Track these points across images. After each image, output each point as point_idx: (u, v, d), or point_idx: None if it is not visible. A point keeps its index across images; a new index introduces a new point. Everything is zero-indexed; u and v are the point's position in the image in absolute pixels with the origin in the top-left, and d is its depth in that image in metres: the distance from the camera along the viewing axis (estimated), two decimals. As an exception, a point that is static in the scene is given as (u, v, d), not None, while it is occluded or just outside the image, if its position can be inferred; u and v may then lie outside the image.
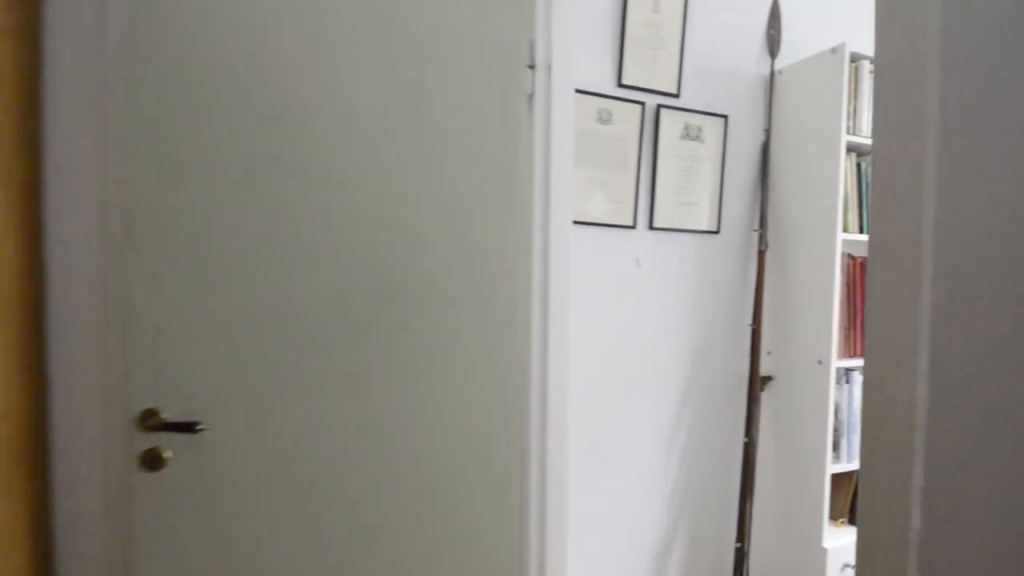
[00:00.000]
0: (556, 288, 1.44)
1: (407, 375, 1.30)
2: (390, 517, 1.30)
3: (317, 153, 1.21)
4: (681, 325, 1.82)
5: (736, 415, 1.89)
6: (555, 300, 1.44)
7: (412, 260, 1.30)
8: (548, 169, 1.44)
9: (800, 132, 1.77)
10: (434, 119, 1.31)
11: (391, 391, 1.29)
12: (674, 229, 1.80)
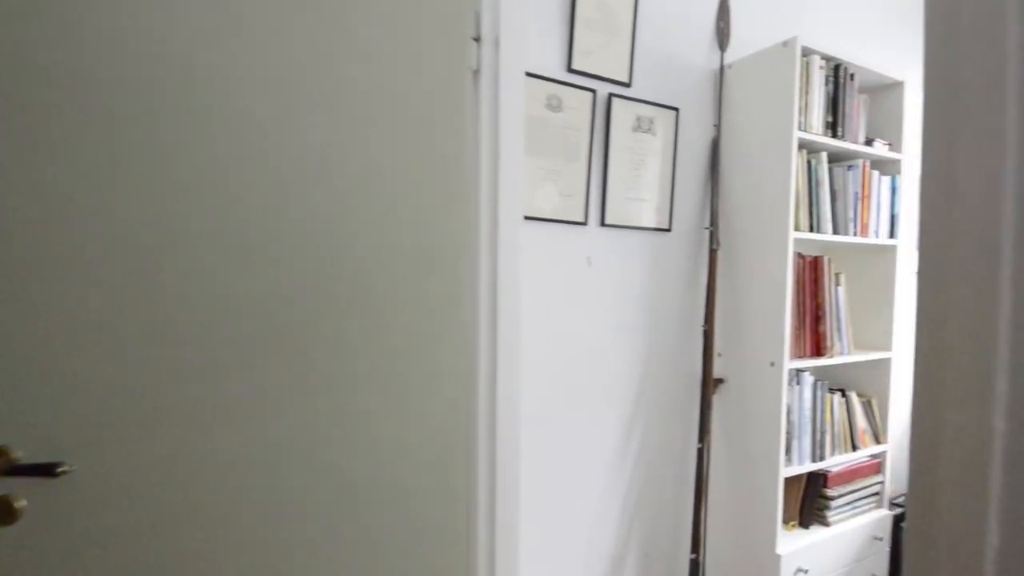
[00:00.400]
0: (506, 289, 1.30)
1: (333, 393, 1.11)
2: (307, 559, 1.11)
3: (206, 138, 0.99)
4: (634, 327, 1.73)
5: (688, 420, 1.83)
6: (505, 302, 1.30)
7: (333, 260, 1.12)
8: (497, 155, 1.29)
9: (751, 128, 1.73)
10: (363, 95, 1.13)
11: (310, 413, 1.09)
12: (626, 226, 1.70)
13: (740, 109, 1.76)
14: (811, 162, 1.68)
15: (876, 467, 1.89)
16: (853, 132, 1.77)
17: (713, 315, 1.74)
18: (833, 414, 1.76)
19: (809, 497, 1.75)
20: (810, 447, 1.70)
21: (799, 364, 1.67)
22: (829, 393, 1.75)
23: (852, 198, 1.77)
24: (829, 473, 1.76)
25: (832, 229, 1.73)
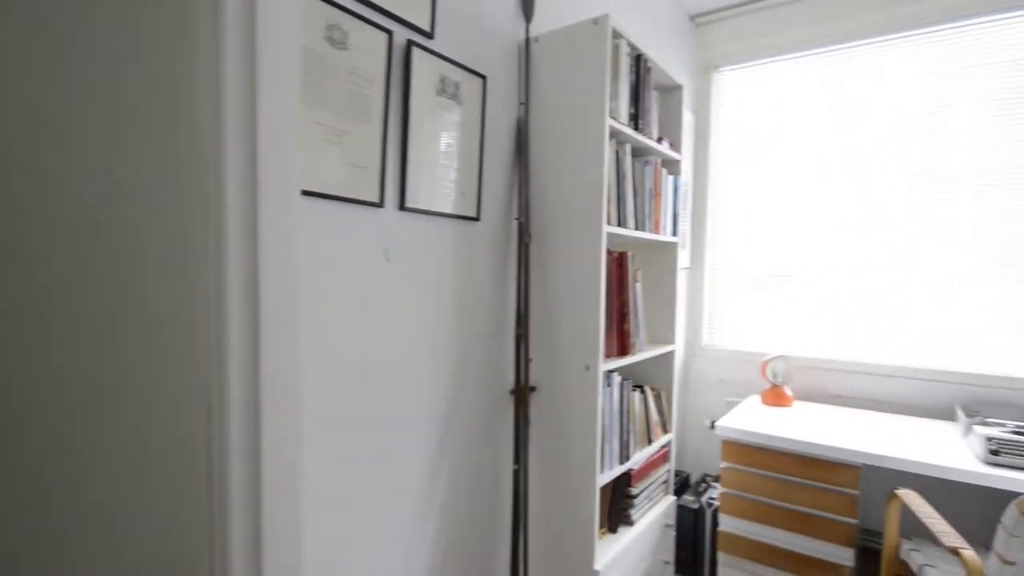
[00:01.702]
0: (273, 293, 0.86)
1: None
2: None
3: None
4: (441, 334, 1.42)
5: (502, 437, 1.61)
6: (272, 308, 0.86)
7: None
8: (254, 98, 0.84)
9: (560, 110, 1.57)
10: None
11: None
12: (431, 212, 1.38)
13: (548, 88, 1.60)
14: (618, 153, 1.61)
15: (664, 456, 1.96)
16: (650, 128, 1.76)
17: (528, 317, 1.55)
18: (634, 412, 1.74)
19: (616, 500, 1.71)
20: (619, 449, 1.64)
21: (609, 365, 1.58)
22: (631, 391, 1.73)
23: (647, 194, 1.76)
24: (632, 471, 1.74)
25: (635, 225, 1.69)
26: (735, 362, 2.61)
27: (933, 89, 2.14)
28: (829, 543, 1.80)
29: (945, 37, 2.12)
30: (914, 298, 2.21)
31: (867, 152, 2.29)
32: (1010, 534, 1.18)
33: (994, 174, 2.04)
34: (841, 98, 2.35)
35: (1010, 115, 2.01)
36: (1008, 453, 1.56)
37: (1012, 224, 2.02)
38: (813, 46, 2.39)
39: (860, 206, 2.31)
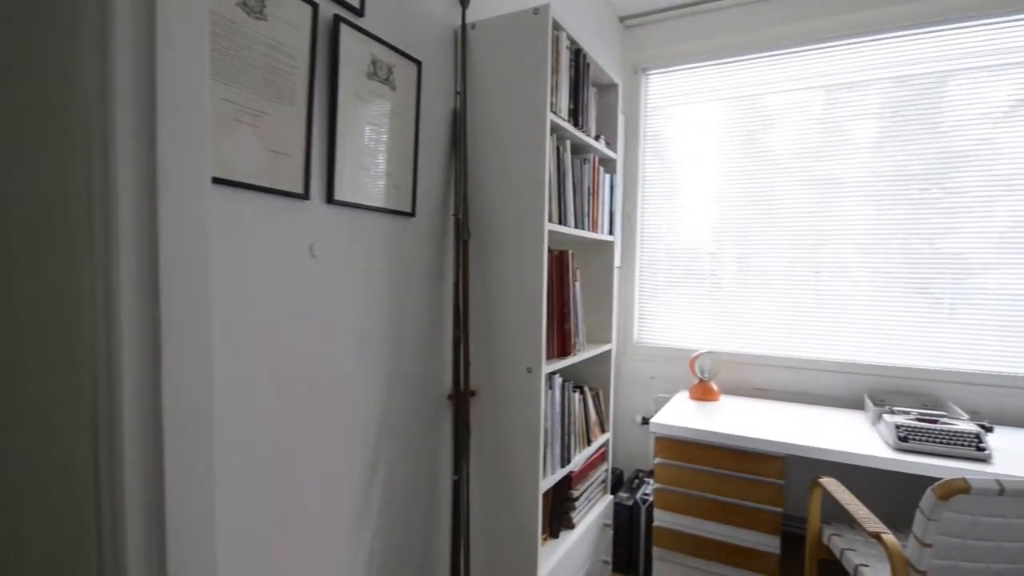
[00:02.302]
0: (178, 294, 0.73)
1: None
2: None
3: None
4: (374, 339, 1.31)
5: (440, 445, 1.52)
6: (176, 314, 0.73)
7: None
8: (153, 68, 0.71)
9: (499, 101, 1.50)
10: None
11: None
12: (362, 206, 1.26)
13: (486, 78, 1.52)
14: (559, 149, 1.56)
15: (603, 455, 1.95)
16: (588, 125, 1.74)
17: (467, 319, 1.47)
18: (575, 413, 1.71)
19: (558, 504, 1.67)
20: (560, 452, 1.60)
21: (551, 367, 1.54)
22: (572, 392, 1.70)
23: (586, 192, 1.74)
24: (573, 473, 1.71)
25: (575, 223, 1.66)
26: (664, 359, 2.67)
27: (830, 99, 2.29)
28: (757, 532, 1.87)
29: (840, 53, 2.26)
30: (824, 295, 2.35)
31: (775, 157, 2.41)
32: (928, 518, 1.26)
33: (886, 180, 2.21)
34: (756, 105, 2.46)
35: (894, 125, 2.18)
36: (916, 439, 1.68)
37: (901, 227, 2.19)
38: (734, 54, 2.48)
39: (774, 209, 2.43)
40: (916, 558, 1.29)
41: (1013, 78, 1.98)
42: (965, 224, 2.07)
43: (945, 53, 2.07)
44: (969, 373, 2.06)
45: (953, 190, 2.08)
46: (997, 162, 2.01)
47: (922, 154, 2.12)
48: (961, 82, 2.04)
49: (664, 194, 2.68)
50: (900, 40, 2.15)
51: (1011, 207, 1.99)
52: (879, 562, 1.53)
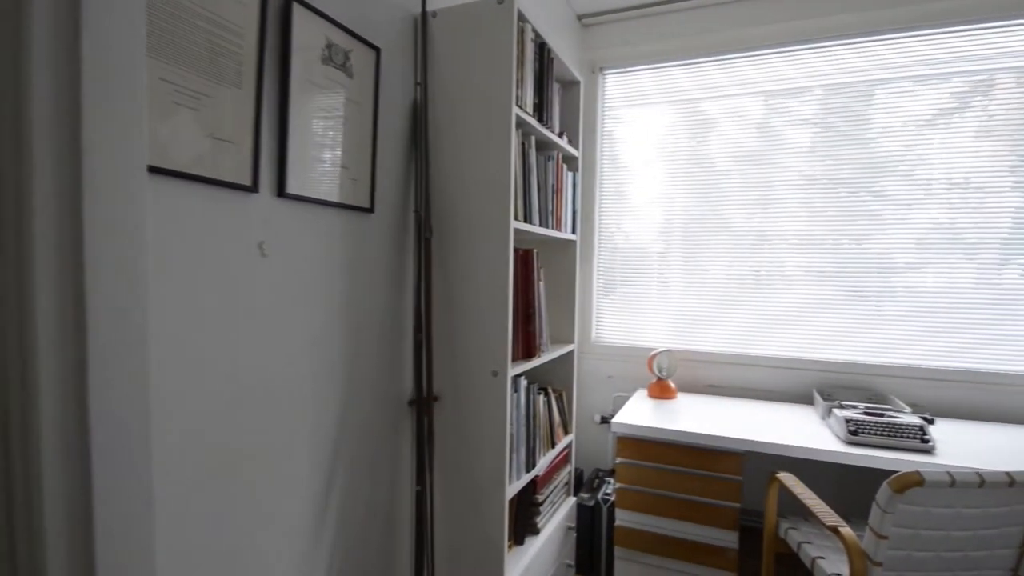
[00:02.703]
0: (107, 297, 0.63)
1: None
2: None
3: None
4: (326, 340, 1.22)
5: (400, 453, 1.44)
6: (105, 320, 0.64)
7: None
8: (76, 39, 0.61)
9: (462, 94, 1.44)
10: None
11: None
12: (316, 200, 1.17)
13: (449, 69, 1.46)
14: (524, 145, 1.52)
15: (566, 457, 1.92)
16: (552, 121, 1.70)
17: (430, 320, 1.40)
18: (540, 416, 1.67)
19: (522, 509, 1.63)
20: (526, 456, 1.56)
21: (516, 369, 1.49)
22: (536, 395, 1.66)
23: (550, 190, 1.70)
24: (538, 477, 1.67)
25: (539, 221, 1.62)
26: (621, 358, 2.68)
27: (768, 107, 2.36)
28: (716, 528, 1.89)
29: (777, 61, 2.33)
30: (766, 293, 2.42)
31: (719, 160, 2.46)
32: (884, 511, 1.30)
33: (818, 183, 2.30)
34: (702, 109, 2.50)
35: (826, 132, 2.27)
36: (864, 433, 1.74)
37: (832, 228, 2.28)
38: (685, 57, 2.51)
39: (718, 210, 2.48)
40: (873, 550, 1.32)
41: (934, 89, 2.09)
42: (890, 226, 2.18)
43: (873, 64, 2.17)
44: (906, 367, 2.16)
45: (879, 194, 2.18)
46: (918, 169, 2.12)
47: (851, 159, 2.22)
48: (887, 92, 2.14)
49: (619, 194, 2.69)
50: (832, 50, 2.23)
51: (930, 211, 2.11)
52: (834, 554, 1.58)
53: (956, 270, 2.10)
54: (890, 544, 1.30)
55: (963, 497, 1.27)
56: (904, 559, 1.32)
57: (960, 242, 2.08)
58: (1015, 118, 1.98)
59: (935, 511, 1.29)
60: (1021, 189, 1.99)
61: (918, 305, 2.15)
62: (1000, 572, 1.33)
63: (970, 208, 2.06)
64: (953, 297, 2.11)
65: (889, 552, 1.31)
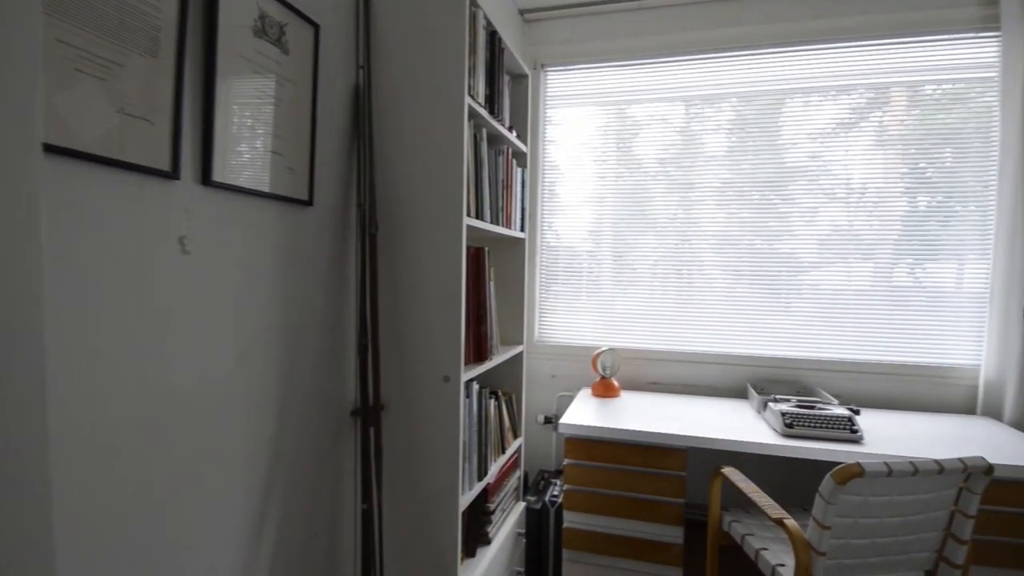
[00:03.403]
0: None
1: None
2: None
3: None
4: (259, 346, 1.09)
5: (342, 468, 1.32)
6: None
7: None
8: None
9: (409, 80, 1.35)
10: None
11: None
12: (247, 190, 1.04)
13: (395, 52, 1.36)
14: (476, 137, 1.44)
15: (516, 461, 1.87)
16: (503, 114, 1.64)
17: (376, 323, 1.29)
18: (491, 421, 1.60)
19: (474, 519, 1.55)
20: (478, 465, 1.49)
21: (468, 374, 1.42)
22: (488, 399, 1.59)
23: (501, 186, 1.64)
24: (489, 484, 1.61)
25: (491, 218, 1.55)
26: (564, 357, 2.67)
27: (689, 113, 2.44)
28: (662, 524, 1.91)
29: (699, 67, 2.40)
30: (693, 292, 2.49)
31: (647, 162, 2.51)
32: (827, 502, 1.34)
33: (734, 187, 2.40)
34: (632, 111, 2.52)
35: (741, 139, 2.37)
36: (799, 425, 1.82)
37: (747, 230, 2.39)
38: (620, 59, 2.52)
39: (646, 211, 2.52)
40: (817, 540, 1.37)
41: (836, 102, 2.24)
42: (797, 228, 2.32)
43: (783, 75, 2.29)
44: (827, 360, 2.29)
45: (788, 198, 2.32)
46: (822, 176, 2.27)
47: (764, 166, 2.34)
48: (795, 103, 2.28)
49: (559, 193, 2.67)
50: (746, 60, 2.34)
51: (832, 215, 2.28)
52: (776, 544, 1.63)
53: (855, 269, 2.26)
54: (833, 534, 1.35)
55: (897, 485, 1.33)
56: (843, 547, 1.38)
57: (858, 243, 2.25)
58: (905, 130, 2.15)
59: (872, 500, 1.35)
60: (909, 195, 2.17)
61: (822, 301, 2.30)
62: (927, 554, 1.42)
63: (866, 212, 2.22)
64: (853, 294, 2.27)
65: (831, 541, 1.36)
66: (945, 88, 2.11)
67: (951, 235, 2.13)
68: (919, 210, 2.16)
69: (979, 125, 2.07)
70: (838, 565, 1.39)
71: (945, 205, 2.14)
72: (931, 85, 2.12)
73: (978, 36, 2.04)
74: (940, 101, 2.12)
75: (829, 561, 1.38)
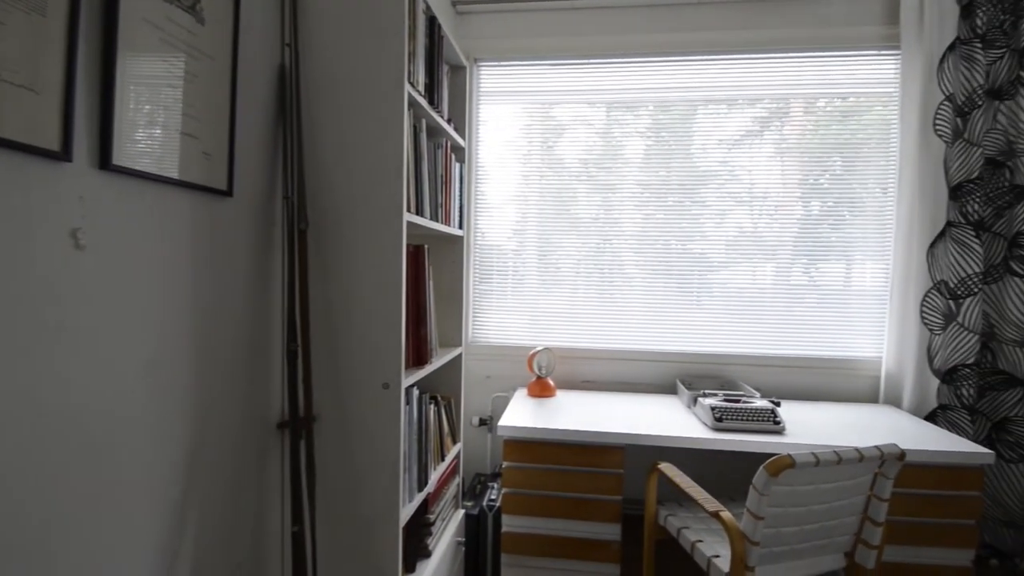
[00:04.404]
0: None
1: None
2: None
3: None
4: (167, 356, 0.96)
5: (268, 488, 1.20)
6: None
7: None
8: None
9: (342, 63, 1.24)
10: None
11: None
12: (154, 176, 0.91)
13: (326, 31, 1.25)
14: (416, 128, 1.36)
15: (455, 468, 1.80)
16: (442, 106, 1.56)
17: (307, 328, 1.18)
18: (431, 428, 1.53)
19: (413, 532, 1.47)
20: (417, 475, 1.41)
21: (409, 379, 1.33)
22: (428, 405, 1.51)
23: (440, 181, 1.56)
24: (430, 494, 1.53)
25: (431, 214, 1.47)
26: (498, 357, 2.63)
27: (610, 117, 2.50)
28: (601, 523, 1.92)
29: (619, 72, 2.46)
30: (616, 290, 2.55)
31: (571, 161, 2.54)
32: (761, 493, 1.40)
33: (651, 190, 2.49)
34: (557, 112, 2.54)
35: (657, 144, 2.47)
36: (728, 419, 1.89)
37: (663, 231, 2.48)
38: (556, 58, 2.52)
39: (574, 210, 2.55)
40: (751, 531, 1.42)
41: (742, 112, 2.39)
42: (708, 230, 2.45)
43: (698, 84, 2.41)
44: (745, 355, 2.42)
45: (699, 202, 2.45)
46: (730, 182, 2.42)
47: (677, 171, 2.46)
48: (707, 112, 2.41)
49: (485, 191, 2.63)
50: (666, 66, 2.43)
51: (739, 218, 2.43)
52: (711, 536, 1.68)
53: (759, 268, 2.42)
54: (767, 524, 1.40)
55: (823, 474, 1.41)
56: (774, 536, 1.44)
57: (761, 245, 2.40)
58: (803, 140, 2.33)
59: (800, 489, 1.41)
60: (804, 201, 2.35)
61: (731, 299, 2.44)
62: (847, 537, 1.51)
63: (768, 216, 2.39)
64: (758, 292, 2.42)
65: (764, 531, 1.42)
66: (849, 102, 2.28)
67: (845, 237, 2.32)
68: (813, 215, 2.35)
69: (880, 137, 2.26)
70: (769, 553, 1.45)
71: (835, 211, 2.33)
72: (836, 98, 2.29)
73: (880, 54, 2.22)
74: (844, 113, 2.30)
75: (762, 550, 1.44)
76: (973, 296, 2.07)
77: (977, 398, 2.11)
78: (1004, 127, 2.03)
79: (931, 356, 2.12)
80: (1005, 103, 2.03)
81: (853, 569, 1.54)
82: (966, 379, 2.08)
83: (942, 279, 2.11)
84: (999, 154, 2.05)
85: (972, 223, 2.07)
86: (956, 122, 2.06)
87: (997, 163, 2.06)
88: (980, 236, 2.06)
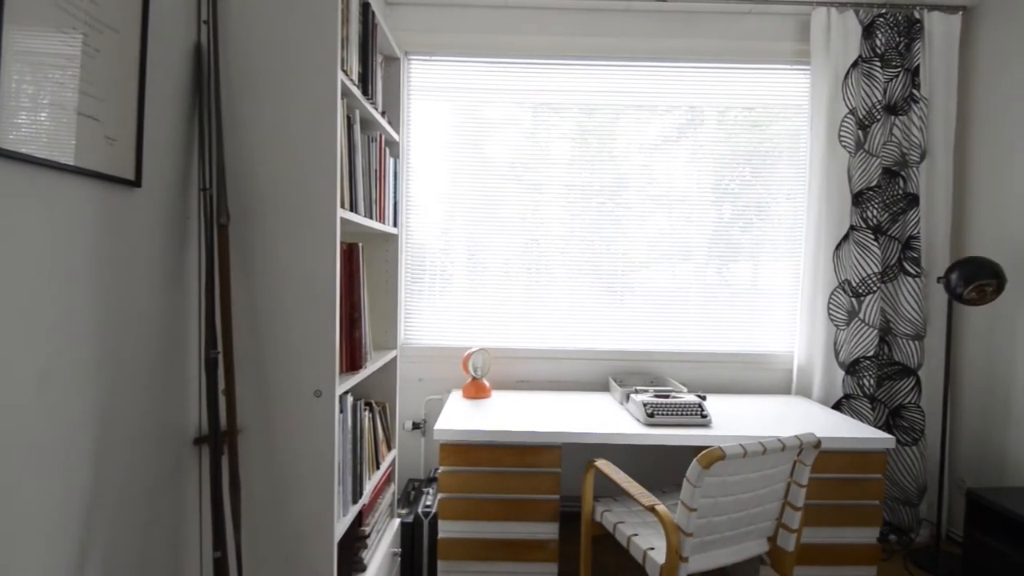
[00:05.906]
0: None
1: None
2: None
3: None
4: (63, 368, 0.84)
5: (185, 509, 1.08)
6: None
7: None
8: None
9: (267, 46, 1.15)
10: None
11: None
12: (47, 161, 0.79)
13: (248, 9, 1.15)
14: (350, 119, 1.28)
15: (390, 475, 1.73)
16: (376, 97, 1.49)
17: (229, 332, 1.08)
18: (366, 436, 1.45)
19: (347, 547, 1.39)
20: (352, 486, 1.33)
21: (343, 386, 1.26)
22: (363, 412, 1.44)
23: (374, 176, 1.49)
24: (364, 506, 1.45)
25: (365, 211, 1.40)
26: (430, 359, 2.57)
27: (536, 119, 2.54)
28: (539, 522, 1.92)
29: (546, 74, 2.50)
30: (544, 289, 2.58)
31: (499, 161, 2.55)
32: (694, 486, 1.45)
33: (576, 191, 2.55)
34: (486, 111, 2.53)
35: (582, 147, 2.54)
36: (660, 414, 1.95)
37: (587, 231, 2.56)
38: (486, 55, 2.50)
39: (502, 210, 2.56)
40: (685, 523, 1.46)
41: (661, 119, 2.51)
42: (630, 231, 2.55)
43: (622, 89, 2.50)
44: (673, 352, 2.52)
45: (622, 204, 2.56)
46: (651, 185, 2.53)
47: (601, 173, 2.54)
48: (629, 117, 2.51)
49: (420, 189, 2.57)
50: (591, 70, 2.49)
51: (658, 220, 2.56)
52: (646, 528, 1.72)
53: (678, 268, 2.54)
54: (699, 515, 1.45)
55: (749, 464, 1.48)
56: (705, 526, 1.50)
57: (680, 246, 2.53)
58: (715, 147, 2.47)
59: (729, 479, 1.48)
60: (717, 205, 2.50)
61: (652, 297, 2.54)
62: (769, 523, 1.60)
63: (685, 218, 2.52)
64: (678, 291, 2.54)
65: (696, 521, 1.47)
66: (760, 112, 2.44)
67: (758, 239, 2.48)
68: (724, 218, 2.50)
69: (790, 145, 2.42)
70: (700, 543, 1.51)
71: (744, 215, 2.49)
72: (751, 108, 2.43)
73: (792, 68, 2.38)
74: (757, 123, 2.45)
75: (695, 540, 1.49)
76: (872, 294, 2.27)
77: (876, 387, 2.31)
78: (899, 140, 2.24)
79: (837, 350, 2.31)
80: (899, 118, 2.24)
81: (775, 552, 1.63)
82: (867, 370, 2.28)
83: (846, 279, 2.29)
84: (894, 164, 2.26)
85: (871, 227, 2.27)
86: (858, 134, 2.25)
87: (893, 172, 2.27)
88: (878, 239, 2.27)
